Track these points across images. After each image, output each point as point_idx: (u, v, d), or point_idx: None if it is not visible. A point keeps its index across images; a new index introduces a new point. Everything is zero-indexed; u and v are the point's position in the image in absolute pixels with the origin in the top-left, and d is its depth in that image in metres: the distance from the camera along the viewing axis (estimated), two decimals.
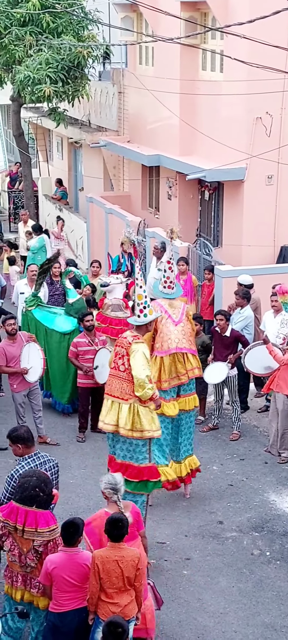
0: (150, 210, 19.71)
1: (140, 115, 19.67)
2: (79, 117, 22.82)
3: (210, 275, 14.54)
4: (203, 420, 12.90)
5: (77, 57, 18.54)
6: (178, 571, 9.04)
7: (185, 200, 17.67)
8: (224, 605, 8.44)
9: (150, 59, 19.18)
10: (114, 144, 20.14)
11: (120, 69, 21.07)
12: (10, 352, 11.68)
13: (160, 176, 18.77)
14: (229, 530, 9.85)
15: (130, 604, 6.94)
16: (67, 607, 6.93)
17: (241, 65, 12.15)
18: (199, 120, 16.79)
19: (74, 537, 7.00)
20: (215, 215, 17.13)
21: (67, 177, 25.77)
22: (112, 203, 19.59)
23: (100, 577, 6.82)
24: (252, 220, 15.56)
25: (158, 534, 9.76)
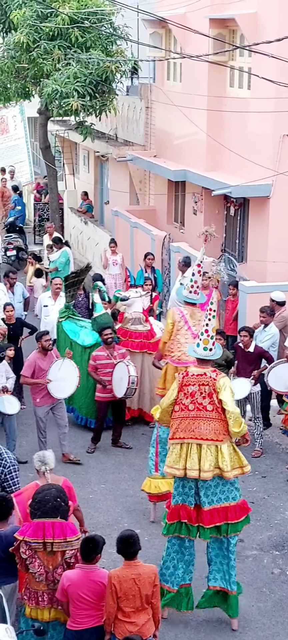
0: (175, 225, 19.73)
1: (167, 131, 19.73)
2: (106, 131, 22.93)
3: (235, 290, 14.52)
4: None
5: (105, 71, 18.64)
6: (197, 589, 8.97)
7: (211, 216, 17.65)
8: (243, 624, 8.39)
9: (178, 75, 19.24)
10: (141, 158, 20.20)
11: (148, 84, 21.15)
12: (40, 366, 11.63)
13: (186, 191, 18.79)
14: (249, 548, 9.79)
15: (147, 623, 6.93)
16: (85, 625, 6.93)
17: (268, 83, 12.16)
18: (226, 137, 16.80)
19: (93, 553, 6.98)
20: (240, 231, 17.12)
21: (93, 191, 25.89)
22: (137, 217, 19.64)
23: (118, 596, 6.80)
24: (277, 237, 15.52)
25: None
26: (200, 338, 8.24)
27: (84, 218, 24.02)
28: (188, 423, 8.05)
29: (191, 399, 8.05)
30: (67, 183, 27.38)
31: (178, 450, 8.10)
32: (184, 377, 8.13)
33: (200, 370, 8.14)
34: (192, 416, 8.04)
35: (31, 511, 7.22)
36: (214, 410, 7.99)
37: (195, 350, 8.25)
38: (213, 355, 8.25)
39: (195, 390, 8.04)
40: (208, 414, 7.99)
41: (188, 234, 18.19)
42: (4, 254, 21.96)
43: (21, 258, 22.11)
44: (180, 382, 8.13)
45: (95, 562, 7.01)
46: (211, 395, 7.99)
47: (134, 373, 12.21)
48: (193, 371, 8.17)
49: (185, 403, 8.07)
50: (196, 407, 8.03)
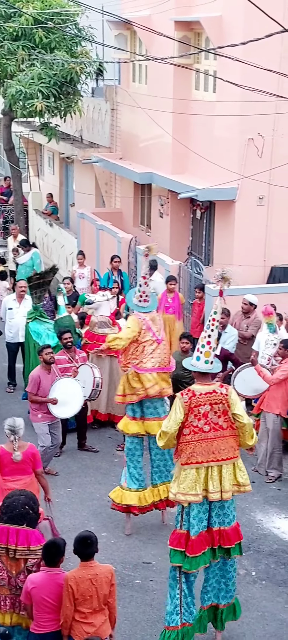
0: (141, 227, 19.74)
1: (132, 133, 19.72)
2: (71, 132, 22.86)
3: (201, 293, 14.56)
4: None
5: (69, 72, 18.58)
6: (163, 592, 8.92)
7: (177, 219, 17.71)
8: (209, 626, 8.38)
9: (143, 77, 19.25)
10: (106, 160, 20.17)
11: (113, 86, 21.14)
12: (44, 382, 11.32)
13: (152, 194, 18.82)
14: None
15: (104, 624, 6.92)
16: (48, 629, 6.88)
17: (234, 86, 12.21)
18: (192, 140, 16.85)
19: (56, 557, 6.94)
20: (206, 234, 17.18)
21: (58, 193, 25.78)
22: (103, 219, 19.60)
23: (75, 598, 6.76)
24: (243, 240, 15.61)
25: (144, 554, 9.71)
26: (201, 351, 7.70)
27: (49, 220, 23.92)
28: (206, 445, 7.58)
29: (205, 420, 7.56)
30: (31, 185, 27.23)
31: (194, 475, 7.59)
32: (191, 397, 7.55)
33: (207, 387, 7.63)
34: (210, 437, 7.58)
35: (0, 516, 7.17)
36: (228, 427, 7.62)
37: (194, 364, 7.70)
38: (214, 369, 7.78)
39: (207, 410, 7.56)
40: (224, 432, 7.61)
41: (155, 237, 18.19)
42: None
43: None
44: (188, 404, 7.54)
45: (59, 564, 6.98)
46: (226, 413, 7.59)
47: (98, 375, 12.15)
48: (201, 390, 7.61)
49: (198, 425, 7.56)
50: (212, 428, 7.58)
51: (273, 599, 8.86)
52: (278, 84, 13.63)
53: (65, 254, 22.14)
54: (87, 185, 22.71)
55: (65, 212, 25.48)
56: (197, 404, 7.53)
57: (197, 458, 7.58)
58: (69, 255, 21.88)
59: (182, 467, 7.63)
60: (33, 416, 11.50)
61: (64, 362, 12.16)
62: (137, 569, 9.37)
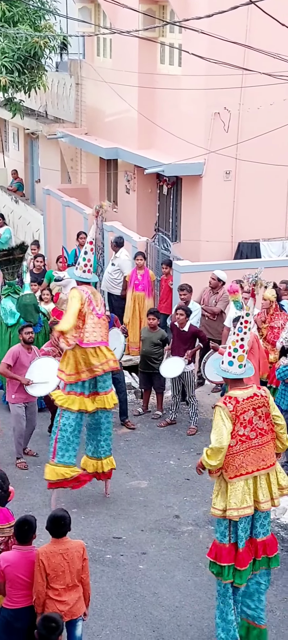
0: (108, 203, 19.63)
1: (98, 108, 19.57)
2: (36, 108, 22.62)
3: (168, 269, 14.54)
4: (161, 415, 12.90)
5: (33, 47, 18.32)
6: (134, 566, 9.03)
7: (144, 195, 17.64)
8: (180, 599, 8.45)
9: (108, 51, 19.09)
10: (72, 135, 20.01)
11: (78, 60, 20.94)
12: (22, 360, 11.10)
13: (119, 170, 18.72)
14: (185, 524, 9.87)
15: (78, 602, 6.92)
16: (21, 604, 6.87)
17: (200, 60, 12.15)
18: (158, 114, 16.77)
19: (28, 535, 6.93)
20: (173, 210, 17.15)
21: (24, 169, 25.52)
22: (69, 196, 19.46)
23: (47, 573, 6.77)
24: (210, 216, 15.61)
25: (114, 529, 9.74)
26: (234, 355, 7.28)
27: (14, 197, 23.69)
28: (254, 454, 7.20)
29: (250, 427, 7.17)
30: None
31: (243, 487, 7.18)
32: (236, 405, 7.13)
33: (247, 392, 7.25)
34: (257, 445, 7.21)
35: None
36: (270, 430, 7.29)
37: (228, 370, 7.31)
38: (246, 373, 7.34)
39: (251, 415, 7.18)
40: (268, 436, 7.27)
41: (122, 213, 18.14)
42: None
43: None
44: (234, 412, 7.11)
45: (31, 542, 6.97)
46: (268, 416, 7.26)
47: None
48: (242, 395, 7.20)
49: (244, 433, 7.16)
50: (258, 434, 7.21)
51: None
52: (245, 57, 13.63)
53: (31, 231, 21.97)
54: (52, 161, 22.52)
55: (30, 188, 25.24)
56: (242, 411, 7.16)
57: (246, 468, 7.18)
58: (35, 232, 21.72)
59: (230, 482, 7.16)
60: (8, 396, 11.36)
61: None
62: (107, 544, 9.40)
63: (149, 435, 12.35)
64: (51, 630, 6.15)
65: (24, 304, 12.57)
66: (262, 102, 15.09)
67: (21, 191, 24.60)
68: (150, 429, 12.56)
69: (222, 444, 7.07)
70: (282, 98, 15.06)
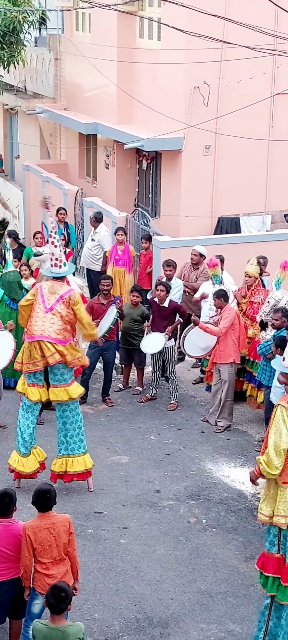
0: (87, 179, 19.54)
1: (77, 83, 19.43)
2: (15, 83, 22.41)
3: (147, 244, 14.50)
4: (141, 391, 12.91)
5: (12, 22, 18.10)
6: (115, 540, 9.05)
7: (123, 170, 17.57)
8: (161, 573, 8.49)
9: (87, 26, 18.92)
10: (51, 111, 19.86)
11: (57, 35, 20.75)
12: None
13: (98, 145, 18.62)
14: (166, 499, 9.90)
15: (66, 575, 6.94)
16: (4, 577, 6.90)
17: (179, 34, 12.06)
18: (137, 89, 16.68)
19: (9, 507, 6.95)
20: (153, 185, 17.09)
21: (3, 145, 25.32)
22: (48, 171, 19.33)
23: (34, 547, 6.80)
24: (190, 191, 15.57)
25: (96, 504, 9.75)
26: None
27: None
28: None
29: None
30: None
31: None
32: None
33: None
34: None
35: None
36: None
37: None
38: None
39: None
40: None
41: (101, 189, 18.06)
42: None
43: None
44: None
45: (11, 514, 6.98)
46: None
47: None
48: None
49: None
50: None
51: (223, 546, 8.99)
52: (224, 30, 13.55)
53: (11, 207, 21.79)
54: (31, 137, 22.35)
55: (10, 164, 25.06)
56: None
57: None
58: (15, 208, 21.57)
59: (283, 487, 6.84)
60: None
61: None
62: (89, 519, 9.42)
63: (130, 411, 12.35)
64: (61, 599, 6.14)
65: (8, 281, 12.51)
66: (242, 75, 15.05)
67: (0, 167, 24.41)
68: (130, 405, 12.56)
69: (276, 447, 6.72)
70: (261, 71, 15.04)
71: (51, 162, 20.85)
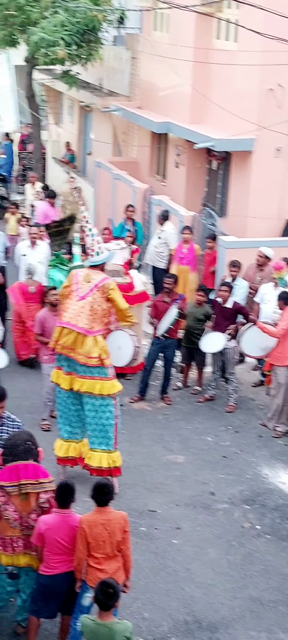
0: (157, 177, 19.55)
1: (152, 82, 19.46)
2: (91, 80, 22.60)
3: (212, 243, 14.40)
4: (200, 391, 12.83)
5: (92, 20, 18.34)
6: (168, 540, 9.02)
7: (193, 169, 17.50)
8: (212, 576, 8.41)
9: (165, 26, 18.93)
10: (125, 109, 19.93)
11: (135, 34, 20.81)
12: (48, 324, 11.19)
13: (169, 144, 18.61)
14: (220, 502, 9.81)
15: (118, 571, 6.95)
16: (58, 570, 6.95)
17: (255, 35, 11.97)
18: (211, 89, 16.61)
19: (68, 498, 7.00)
20: (221, 185, 16.98)
21: (77, 141, 25.57)
22: (119, 169, 19.42)
23: (88, 541, 6.82)
24: (259, 192, 15.40)
25: (150, 502, 9.74)
26: None
27: (66, 168, 23.76)
28: None
29: None
30: (51, 133, 27.05)
31: None
32: None
33: None
34: None
35: (4, 458, 7.17)
36: None
37: None
38: None
39: None
40: None
41: (170, 187, 18.04)
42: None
43: (3, 207, 21.83)
44: None
45: (70, 506, 7.03)
46: None
47: (137, 344, 11.66)
48: None
49: None
50: None
51: (277, 554, 8.85)
52: None
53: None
54: (104, 134, 22.50)
55: (82, 160, 25.29)
56: None
57: None
58: None
59: None
60: (41, 357, 11.55)
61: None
62: (142, 517, 9.41)
63: (187, 411, 12.29)
64: (109, 596, 6.14)
65: None
66: None
67: (73, 163, 24.66)
68: (188, 404, 12.51)
69: None
70: None
71: (122, 160, 20.95)
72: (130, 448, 10.97)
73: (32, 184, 20.12)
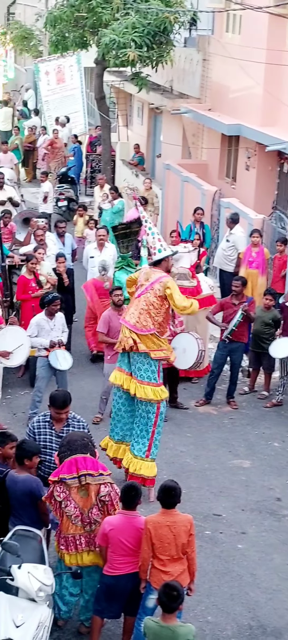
0: (226, 180, 19.41)
1: (223, 84, 19.35)
2: (162, 82, 22.61)
3: (282, 247, 14.22)
4: (267, 396, 12.68)
5: (163, 22, 18.29)
6: (233, 544, 8.96)
7: (263, 172, 17.32)
8: (277, 582, 8.32)
9: (237, 27, 18.80)
10: (195, 111, 19.87)
11: (206, 36, 20.72)
12: (114, 323, 11.31)
13: (240, 146, 18.47)
14: (286, 507, 9.69)
15: (182, 574, 6.93)
16: (122, 571, 6.97)
17: None
18: (283, 91, 16.41)
19: (135, 500, 7.02)
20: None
21: (146, 143, 25.62)
22: (188, 171, 19.37)
23: (153, 542, 6.82)
24: None
25: (215, 506, 9.70)
26: None
27: (135, 171, 23.82)
28: None
29: None
30: (120, 135, 27.17)
31: None
32: None
33: None
34: None
35: (61, 456, 7.22)
36: None
37: None
38: None
39: None
40: None
41: (240, 190, 17.89)
42: (55, 204, 21.92)
43: (72, 209, 22.05)
44: None
45: (136, 508, 7.04)
46: None
47: (202, 347, 11.78)
48: None
49: None
50: None
51: None
52: None
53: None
54: (174, 136, 22.47)
55: (151, 163, 25.32)
56: None
57: None
58: None
59: None
60: (104, 357, 11.65)
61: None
62: (207, 521, 9.37)
63: (254, 415, 12.16)
64: (172, 598, 6.13)
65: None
66: None
67: (142, 165, 24.71)
68: (255, 409, 12.38)
69: None
70: None
71: (191, 162, 20.87)
72: (195, 452, 10.95)
73: (100, 187, 20.24)
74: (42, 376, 11.30)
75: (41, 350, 11.28)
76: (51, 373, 11.33)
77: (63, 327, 11.50)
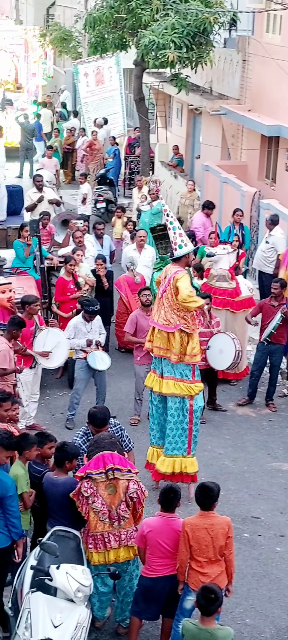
0: (266, 181, 19.29)
1: (263, 85, 19.24)
2: (201, 84, 22.55)
3: None
4: None
5: (203, 23, 18.24)
6: (271, 547, 8.91)
7: None
8: None
9: (277, 28, 18.67)
10: (235, 112, 19.79)
11: (246, 36, 20.62)
12: (141, 324, 11.39)
13: (280, 147, 18.34)
14: None
15: (220, 575, 6.91)
16: (160, 573, 6.99)
17: None
18: None
19: (174, 502, 7.03)
20: None
21: (185, 144, 25.58)
22: (228, 172, 19.29)
23: (190, 545, 6.82)
24: None
25: (253, 509, 9.66)
26: None
27: (174, 172, 23.80)
28: None
29: None
30: (159, 136, 27.17)
31: None
32: None
33: None
34: None
35: (89, 454, 7.28)
36: None
37: None
38: None
39: None
40: None
41: (279, 191, 17.76)
42: (94, 205, 22.01)
43: (110, 210, 22.11)
44: None
45: (174, 510, 7.05)
46: None
47: (239, 347, 11.83)
48: None
49: None
50: None
51: None
52: None
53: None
54: (213, 138, 22.40)
55: (190, 164, 25.28)
56: None
57: None
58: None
59: None
60: (134, 359, 11.64)
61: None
62: (245, 523, 9.33)
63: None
64: (210, 601, 6.13)
65: None
66: None
67: (181, 167, 24.67)
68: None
69: None
70: None
71: (231, 163, 20.79)
72: (234, 454, 10.90)
73: (138, 188, 20.26)
74: (81, 378, 11.36)
75: (79, 352, 11.33)
76: (90, 375, 11.39)
77: (100, 329, 11.55)
